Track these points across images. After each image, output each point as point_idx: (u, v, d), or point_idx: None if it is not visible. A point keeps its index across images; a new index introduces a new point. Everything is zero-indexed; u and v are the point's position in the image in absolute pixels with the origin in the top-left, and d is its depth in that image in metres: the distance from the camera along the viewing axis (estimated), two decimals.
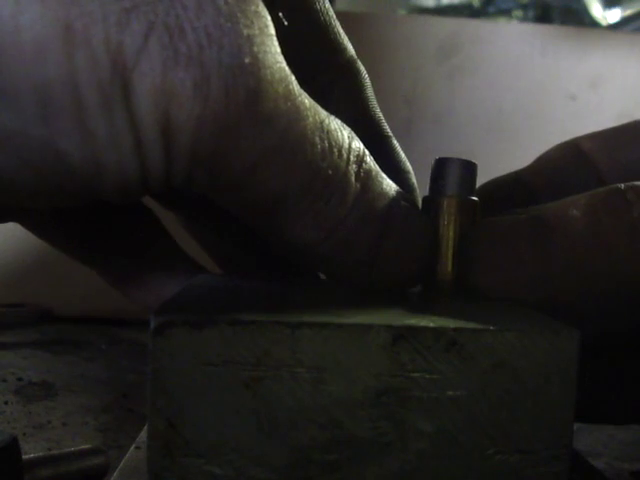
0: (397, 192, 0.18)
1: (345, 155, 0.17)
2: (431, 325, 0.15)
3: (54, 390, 0.38)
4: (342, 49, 0.22)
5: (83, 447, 0.26)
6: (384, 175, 0.18)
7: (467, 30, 0.61)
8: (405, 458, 0.15)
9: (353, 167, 0.17)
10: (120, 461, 0.18)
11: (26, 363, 0.44)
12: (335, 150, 0.16)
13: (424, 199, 0.21)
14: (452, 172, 0.20)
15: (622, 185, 0.18)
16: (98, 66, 0.14)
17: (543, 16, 0.70)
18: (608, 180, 0.21)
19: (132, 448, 0.19)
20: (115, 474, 0.17)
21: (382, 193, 0.18)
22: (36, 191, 0.15)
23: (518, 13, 0.71)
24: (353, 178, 0.17)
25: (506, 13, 0.71)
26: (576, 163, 0.23)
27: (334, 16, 0.21)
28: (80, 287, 0.57)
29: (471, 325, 0.15)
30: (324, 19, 0.21)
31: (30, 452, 0.26)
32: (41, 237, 0.23)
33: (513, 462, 0.15)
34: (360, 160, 0.17)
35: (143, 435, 0.19)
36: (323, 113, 0.16)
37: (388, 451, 0.15)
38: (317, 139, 0.16)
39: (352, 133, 0.17)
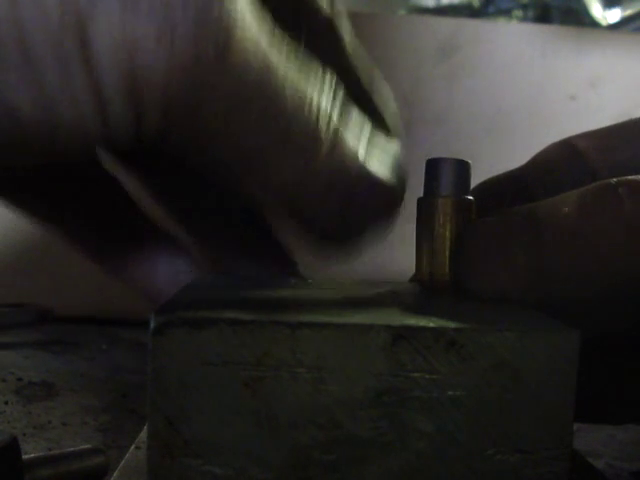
0: (363, 149, 0.18)
1: (315, 110, 0.16)
2: (431, 325, 0.15)
3: (54, 390, 0.38)
4: (315, 9, 0.21)
5: (83, 447, 0.26)
6: (355, 129, 0.18)
7: (467, 30, 0.61)
8: (405, 458, 0.15)
9: (324, 120, 0.17)
10: (120, 461, 0.18)
11: (26, 363, 0.44)
12: (305, 105, 0.16)
13: (419, 200, 0.21)
14: (446, 172, 0.20)
15: (614, 180, 0.18)
16: (47, 15, 0.13)
17: (543, 16, 0.70)
18: (603, 178, 0.21)
19: (132, 448, 0.19)
20: (115, 474, 0.17)
21: (351, 151, 0.18)
22: None
23: (518, 13, 0.71)
24: (322, 133, 0.17)
25: (506, 13, 0.71)
26: (571, 162, 0.23)
27: None
28: (80, 287, 0.57)
29: (471, 325, 0.15)
30: None
31: (30, 452, 0.26)
32: (21, 213, 0.23)
33: (513, 462, 0.15)
34: (328, 115, 0.17)
35: (143, 435, 0.19)
36: (293, 64, 0.16)
37: (388, 451, 0.15)
38: (288, 92, 0.16)
39: (323, 81, 0.17)
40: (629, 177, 0.18)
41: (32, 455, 0.25)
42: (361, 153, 0.18)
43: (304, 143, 0.16)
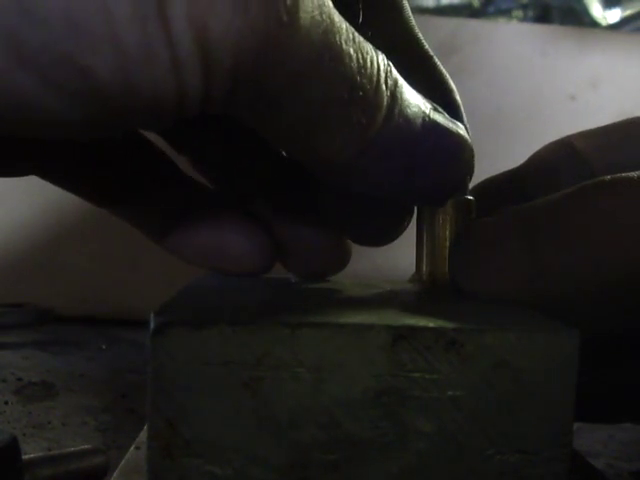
0: (426, 101, 0.18)
1: (376, 66, 0.17)
2: (431, 325, 0.15)
3: (54, 390, 0.38)
4: None
5: (83, 447, 0.26)
6: (409, 86, 0.18)
7: (467, 30, 0.61)
8: (405, 458, 0.15)
9: (382, 76, 0.17)
10: (120, 461, 0.18)
11: (26, 363, 0.44)
12: (368, 62, 0.16)
13: None
14: None
15: (609, 177, 0.18)
16: None
17: (543, 16, 0.70)
18: None
19: (132, 448, 0.19)
20: (115, 474, 0.17)
21: (410, 102, 0.18)
22: (61, 117, 0.14)
23: (518, 13, 0.71)
24: (384, 87, 0.17)
25: (506, 13, 0.71)
26: (569, 161, 0.23)
27: None
28: (80, 287, 0.57)
29: (471, 325, 0.15)
30: None
31: (30, 452, 0.26)
32: (66, 188, 0.22)
33: (513, 462, 0.15)
34: (387, 70, 0.17)
35: (143, 435, 0.19)
36: (351, 27, 0.16)
37: (388, 451, 0.15)
38: (352, 51, 0.16)
39: (373, 46, 0.17)
40: (625, 174, 0.18)
41: (32, 455, 0.25)
42: (423, 104, 0.18)
43: (370, 99, 0.17)
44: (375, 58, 0.17)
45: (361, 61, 0.16)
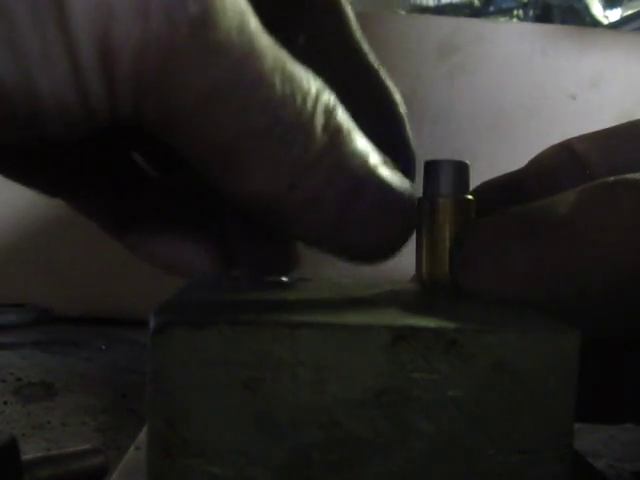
0: (375, 154, 0.17)
1: (310, 104, 0.16)
2: (431, 325, 0.15)
3: (53, 390, 0.38)
4: None
5: (82, 447, 0.26)
6: (360, 134, 0.17)
7: (467, 29, 0.60)
8: (405, 458, 0.15)
9: (320, 118, 0.16)
10: (120, 461, 0.18)
11: (25, 363, 0.44)
12: (298, 97, 0.15)
13: (419, 200, 0.21)
14: (445, 173, 0.20)
15: (611, 179, 0.18)
16: None
17: (543, 15, 0.70)
18: None
19: (132, 448, 0.19)
20: (114, 474, 0.17)
21: (355, 153, 0.17)
22: None
23: (518, 12, 0.71)
24: (319, 129, 0.16)
25: (506, 12, 0.71)
26: (570, 164, 0.23)
27: None
28: (80, 287, 0.57)
29: (471, 325, 0.15)
30: None
31: (29, 452, 0.26)
32: (20, 181, 0.22)
33: (513, 462, 0.15)
34: (329, 113, 0.16)
35: (143, 435, 0.19)
36: (287, 57, 0.16)
37: (388, 451, 0.15)
38: (277, 81, 0.15)
39: (324, 86, 0.16)
40: (626, 175, 0.18)
41: (31, 455, 0.25)
42: (371, 156, 0.17)
43: (295, 136, 0.15)
44: (312, 96, 0.16)
45: (288, 94, 0.15)
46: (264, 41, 0.15)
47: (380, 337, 0.14)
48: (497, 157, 0.38)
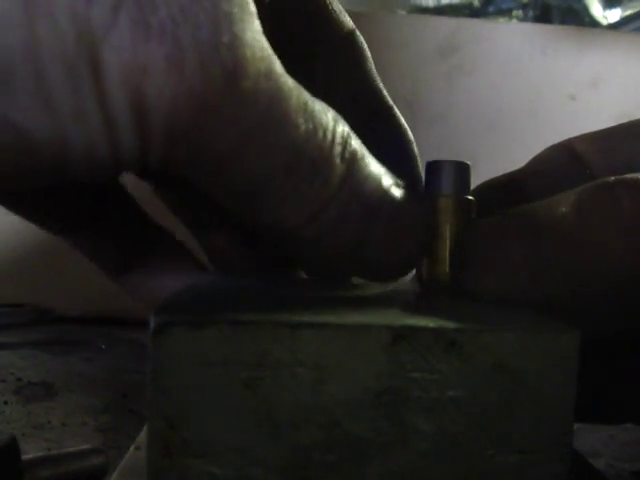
0: (387, 176, 0.18)
1: (330, 136, 0.16)
2: (431, 325, 0.15)
3: (54, 390, 0.38)
4: (339, 22, 0.21)
5: (83, 447, 0.26)
6: (372, 159, 0.18)
7: (467, 30, 0.61)
8: (405, 458, 0.15)
9: (338, 148, 0.16)
10: (120, 461, 0.18)
11: (26, 363, 0.44)
12: (320, 131, 0.16)
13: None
14: (446, 173, 0.20)
15: (611, 179, 0.18)
16: (63, 38, 0.13)
17: (543, 16, 0.70)
18: None
19: (132, 448, 0.19)
20: (115, 474, 0.17)
21: (369, 176, 0.17)
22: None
23: (518, 13, 0.71)
24: (338, 159, 0.16)
25: (506, 13, 0.71)
26: (570, 164, 0.23)
27: None
28: (80, 287, 0.57)
29: (471, 325, 0.15)
30: None
31: (30, 452, 0.26)
32: (27, 218, 0.22)
33: (513, 462, 0.15)
34: (345, 142, 0.17)
35: (143, 435, 0.19)
36: (307, 94, 0.16)
37: (388, 451, 0.15)
38: (301, 120, 0.16)
39: (337, 115, 0.17)
40: (626, 175, 0.18)
41: (32, 455, 0.25)
42: (384, 179, 0.18)
43: (319, 169, 0.16)
44: (330, 128, 0.16)
45: (311, 131, 0.16)
46: (289, 83, 0.15)
47: (380, 337, 0.14)
48: (496, 157, 0.38)
